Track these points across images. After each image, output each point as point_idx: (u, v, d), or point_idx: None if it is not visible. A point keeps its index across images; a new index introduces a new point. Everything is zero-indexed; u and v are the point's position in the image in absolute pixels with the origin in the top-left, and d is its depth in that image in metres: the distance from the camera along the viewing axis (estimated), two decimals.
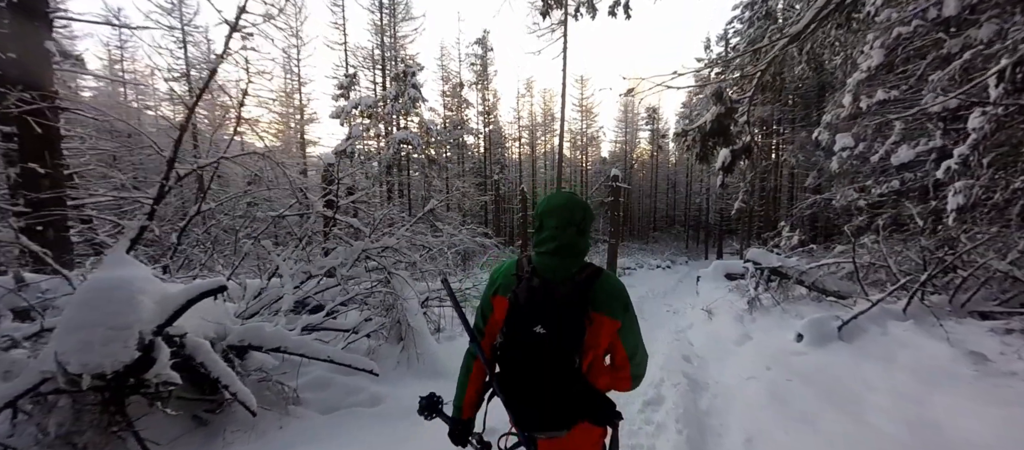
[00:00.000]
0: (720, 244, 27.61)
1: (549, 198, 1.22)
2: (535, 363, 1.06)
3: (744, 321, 5.36)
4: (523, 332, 1.06)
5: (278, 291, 3.42)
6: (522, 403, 1.10)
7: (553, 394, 1.07)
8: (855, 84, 5.68)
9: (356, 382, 3.15)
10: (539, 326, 1.05)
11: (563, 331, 1.05)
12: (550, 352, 1.05)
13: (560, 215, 1.16)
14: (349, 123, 15.93)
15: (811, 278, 5.51)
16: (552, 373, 1.06)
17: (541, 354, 1.05)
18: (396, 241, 3.83)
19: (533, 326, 1.05)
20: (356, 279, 4.01)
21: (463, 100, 22.04)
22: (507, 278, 1.19)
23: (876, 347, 3.84)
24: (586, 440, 1.17)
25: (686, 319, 7.16)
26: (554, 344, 1.04)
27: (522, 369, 1.09)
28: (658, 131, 34.46)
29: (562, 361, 1.05)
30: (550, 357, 1.05)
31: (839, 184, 6.18)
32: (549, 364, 1.05)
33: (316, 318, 3.06)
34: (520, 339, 1.07)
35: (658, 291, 11.80)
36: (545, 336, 1.04)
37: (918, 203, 5.18)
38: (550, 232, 1.16)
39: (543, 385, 1.07)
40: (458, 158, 23.99)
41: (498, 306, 1.19)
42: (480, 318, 1.26)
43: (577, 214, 1.17)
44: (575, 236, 1.16)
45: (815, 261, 5.73)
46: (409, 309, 3.89)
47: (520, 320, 1.08)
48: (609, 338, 1.14)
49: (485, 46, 21.69)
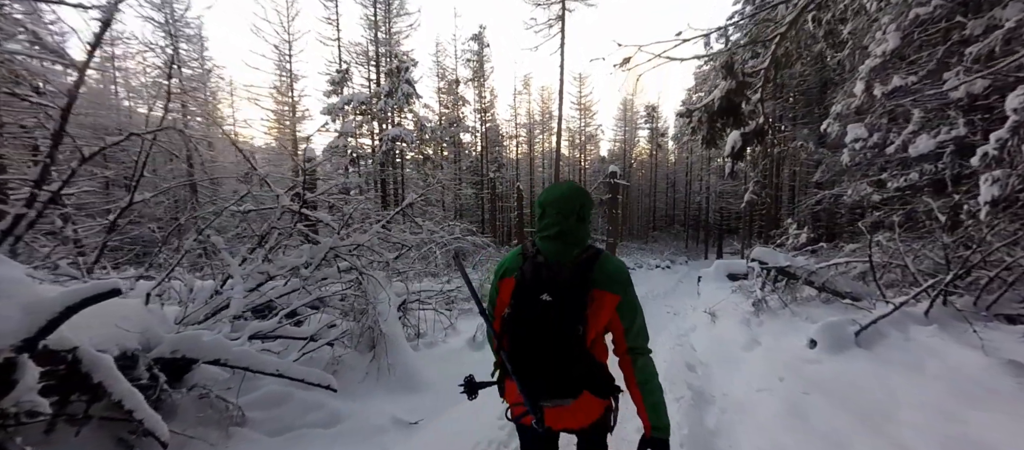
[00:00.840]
0: (720, 243, 27.27)
1: (551, 188, 1.28)
2: (541, 330, 1.11)
3: (751, 325, 4.99)
4: (530, 301, 1.12)
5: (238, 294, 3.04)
6: (529, 371, 1.13)
7: (558, 362, 1.12)
8: (868, 71, 5.32)
9: (317, 397, 2.77)
10: (545, 295, 1.10)
11: (566, 299, 1.10)
12: (555, 319, 1.10)
13: (561, 203, 1.22)
14: (342, 119, 15.55)
15: (821, 278, 5.14)
16: (557, 340, 1.10)
17: (547, 321, 1.10)
18: (368, 239, 3.44)
19: (539, 295, 1.11)
20: (328, 281, 3.63)
21: (459, 98, 21.66)
22: (513, 261, 1.27)
23: (900, 355, 3.47)
24: (589, 410, 1.21)
25: (688, 321, 6.79)
26: (558, 311, 1.09)
27: (529, 337, 1.13)
28: (657, 129, 34.14)
29: (567, 329, 1.09)
30: (555, 324, 1.10)
31: (850, 178, 5.80)
32: (554, 331, 1.10)
33: (267, 324, 2.69)
34: (527, 307, 1.13)
35: (658, 292, 11.42)
36: (550, 303, 1.10)
37: (936, 197, 4.81)
38: (552, 219, 1.22)
39: (549, 352, 1.11)
40: (454, 156, 23.62)
41: (504, 287, 1.26)
42: (490, 304, 1.33)
43: (577, 202, 1.23)
44: (576, 223, 1.22)
45: (824, 260, 5.36)
46: (383, 314, 3.51)
47: (526, 291, 1.14)
48: (609, 315, 1.19)
49: (481, 42, 21.32)
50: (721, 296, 7.75)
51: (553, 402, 1.16)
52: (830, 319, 4.00)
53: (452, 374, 3.69)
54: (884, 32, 5.16)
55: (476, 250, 8.96)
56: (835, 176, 7.08)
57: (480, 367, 4.09)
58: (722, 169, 28.24)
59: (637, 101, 34.21)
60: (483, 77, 22.18)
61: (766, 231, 17.62)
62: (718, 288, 8.65)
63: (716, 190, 25.79)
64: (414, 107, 16.34)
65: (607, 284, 1.16)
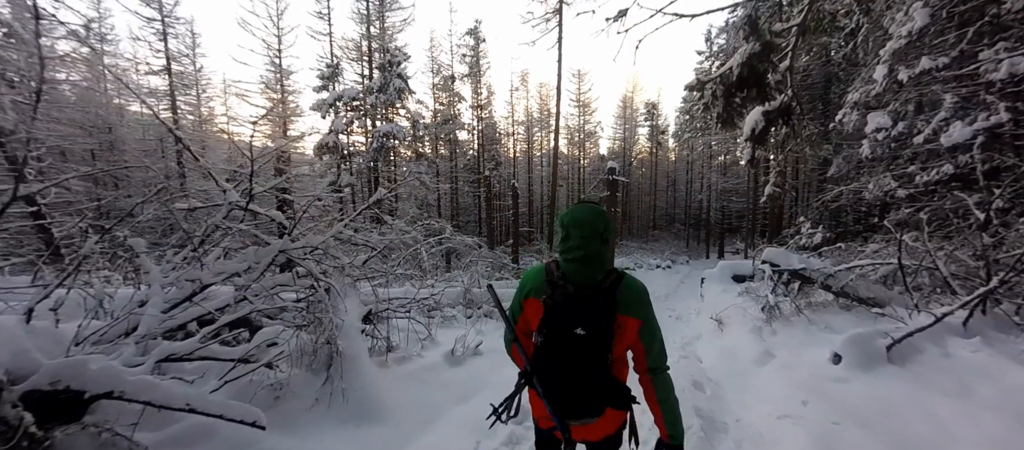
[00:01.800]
0: (721, 243, 26.78)
1: (574, 210, 1.33)
2: (577, 361, 1.18)
3: (763, 334, 4.51)
4: (565, 334, 1.18)
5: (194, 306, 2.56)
6: (560, 394, 1.21)
7: (588, 388, 1.20)
8: (890, 54, 4.83)
9: (249, 433, 2.27)
10: (579, 328, 1.17)
11: (600, 333, 1.17)
12: (590, 352, 1.18)
13: (585, 226, 1.27)
14: (333, 114, 15.06)
15: (839, 282, 4.65)
16: (590, 369, 1.19)
17: (583, 353, 1.18)
18: (324, 240, 2.96)
19: (574, 328, 1.17)
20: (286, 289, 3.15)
21: (455, 94, 21.16)
22: (538, 282, 1.31)
23: (941, 375, 2.99)
24: (611, 423, 1.32)
25: (692, 327, 6.30)
26: (594, 346, 1.17)
27: (564, 365, 1.20)
28: (657, 127, 33.62)
29: (599, 359, 1.19)
30: (589, 355, 1.18)
31: (871, 172, 5.32)
32: (588, 362, 1.18)
33: (185, 345, 2.20)
34: (562, 340, 1.19)
35: (659, 293, 10.93)
36: (585, 337, 1.17)
37: (968, 192, 4.32)
38: (577, 241, 1.27)
39: (581, 380, 1.20)
40: (450, 154, 23.13)
41: (529, 308, 1.32)
42: (510, 330, 1.35)
43: (601, 224, 1.29)
44: (599, 246, 1.28)
45: (842, 262, 4.87)
46: (343, 326, 3.03)
47: (559, 322, 1.19)
48: (634, 336, 1.27)
49: (477, 37, 20.80)
50: (727, 300, 7.26)
51: (581, 421, 1.23)
52: (856, 330, 3.52)
53: (421, 398, 3.20)
54: (909, 11, 4.68)
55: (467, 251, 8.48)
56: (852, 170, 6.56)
57: (458, 387, 3.60)
58: (724, 166, 27.71)
59: (637, 99, 33.74)
60: (479, 73, 21.66)
61: (771, 231, 17.13)
62: (723, 291, 8.16)
63: (718, 188, 25.31)
64: (407, 103, 15.84)
65: (630, 309, 1.24)
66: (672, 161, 36.70)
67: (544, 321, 1.21)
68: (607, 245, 1.29)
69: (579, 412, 1.22)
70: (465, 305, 5.32)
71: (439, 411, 2.95)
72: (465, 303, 5.33)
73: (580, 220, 1.27)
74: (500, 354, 4.26)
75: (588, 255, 1.24)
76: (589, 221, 1.27)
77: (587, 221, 1.27)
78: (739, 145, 4.24)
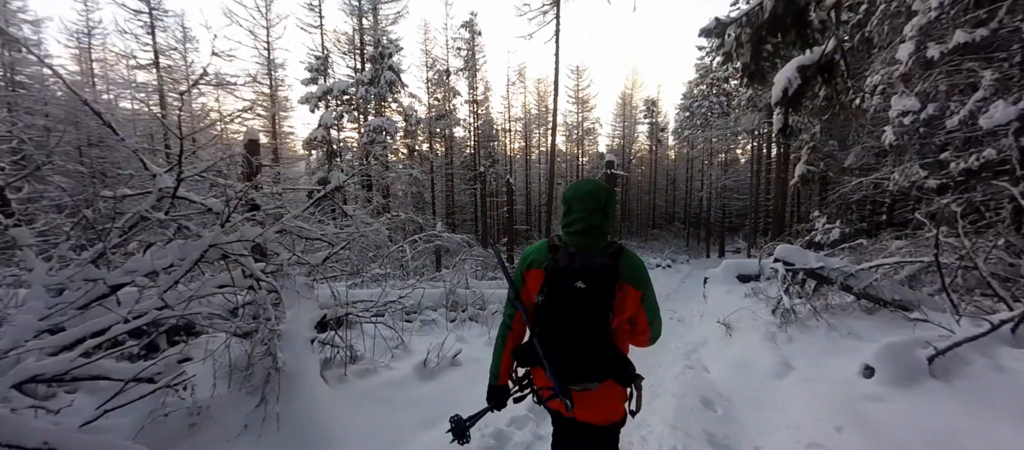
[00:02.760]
0: (722, 242, 26.31)
1: (577, 185, 1.36)
2: (578, 316, 1.20)
3: (777, 341, 4.03)
4: (566, 287, 1.20)
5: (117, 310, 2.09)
6: (561, 356, 1.23)
7: (587, 346, 1.22)
8: (917, 30, 4.35)
9: None
10: (580, 282, 1.19)
11: (600, 286, 1.19)
12: (590, 304, 1.19)
13: (587, 199, 1.31)
14: (323, 108, 14.57)
15: (862, 283, 4.17)
16: (590, 324, 1.20)
17: (583, 307, 1.19)
18: (263, 233, 2.48)
19: (574, 282, 1.19)
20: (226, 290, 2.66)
21: (451, 89, 20.63)
22: (540, 254, 1.34)
23: (997, 393, 2.52)
24: (612, 397, 1.32)
25: (696, 332, 5.83)
26: (594, 297, 1.19)
27: (563, 322, 1.22)
28: (657, 124, 33.15)
29: (600, 314, 1.20)
30: (590, 308, 1.19)
31: (897, 161, 4.82)
32: (589, 315, 1.20)
33: (54, 363, 1.71)
34: (563, 293, 1.21)
35: (660, 294, 10.28)
36: (586, 290, 1.19)
37: (1009, 180, 3.85)
38: (579, 214, 1.31)
39: (580, 336, 1.21)
40: (446, 151, 22.63)
41: (531, 279, 1.33)
42: (512, 290, 1.36)
43: (602, 198, 1.32)
44: (601, 218, 1.31)
45: (864, 260, 4.40)
46: (287, 336, 2.54)
47: (561, 279, 1.21)
48: (634, 307, 1.31)
49: (473, 30, 20.28)
50: (733, 302, 6.80)
51: (581, 386, 1.25)
52: (890, 339, 3.04)
53: (380, 421, 2.68)
54: None
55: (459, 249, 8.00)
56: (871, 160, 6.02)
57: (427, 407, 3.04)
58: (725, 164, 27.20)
59: (636, 96, 33.26)
60: (475, 67, 21.14)
61: (774, 229, 16.67)
62: (728, 291, 7.70)
63: (718, 185, 24.84)
64: (399, 96, 15.33)
65: (631, 279, 1.28)
66: (672, 159, 36.26)
67: (545, 282, 1.24)
68: (608, 218, 1.33)
69: (579, 376, 1.23)
70: (448, 307, 4.83)
71: (400, 438, 2.47)
72: (448, 306, 4.84)
73: (583, 193, 1.32)
74: (481, 365, 3.77)
75: (589, 226, 1.29)
76: (591, 194, 1.31)
77: (590, 194, 1.31)
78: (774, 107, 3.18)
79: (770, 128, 19.45)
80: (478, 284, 6.85)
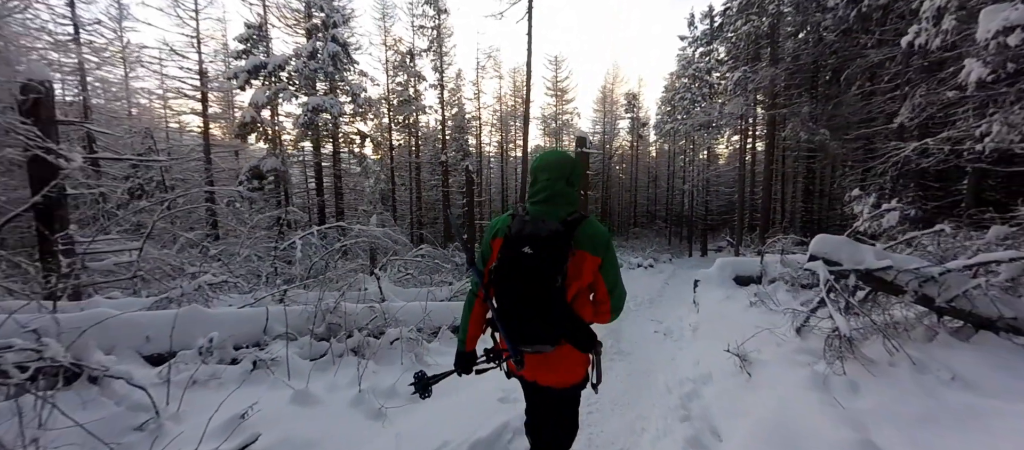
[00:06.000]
0: (704, 240, 25.24)
1: (544, 155, 1.42)
2: (526, 281, 1.22)
3: (832, 388, 2.45)
4: (513, 253, 1.24)
5: None
6: (512, 318, 1.28)
7: (536, 309, 1.23)
8: None
9: None
10: (527, 247, 1.21)
11: (545, 252, 1.20)
12: (535, 269, 1.21)
13: (553, 168, 1.37)
14: (254, 86, 12.49)
15: (951, 291, 2.66)
16: (535, 288, 1.21)
17: (530, 273, 1.21)
18: None
19: (521, 247, 1.22)
20: None
21: (416, 73, 18.73)
22: (503, 224, 1.37)
23: None
24: (570, 361, 1.37)
25: (689, 354, 4.22)
26: (537, 262, 1.21)
27: (511, 286, 1.25)
28: (638, 120, 31.96)
29: (545, 278, 1.21)
30: (534, 273, 1.21)
31: (983, 111, 3.36)
32: (533, 280, 1.21)
33: None
34: (512, 259, 1.24)
35: (642, 298, 8.90)
36: (531, 255, 1.21)
37: None
38: (543, 183, 1.36)
39: (528, 299, 1.23)
40: (411, 142, 20.72)
41: (495, 246, 1.36)
42: (480, 262, 1.41)
43: (568, 167, 1.38)
44: (565, 186, 1.36)
45: (948, 255, 2.89)
46: None
47: (511, 244, 1.25)
48: (592, 273, 1.33)
49: (438, 7, 18.45)
50: (734, 313, 5.26)
51: (533, 348, 1.29)
52: None
53: None
54: None
55: (388, 248, 6.24)
56: (938, 113, 4.42)
57: None
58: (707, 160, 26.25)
59: (617, 90, 32.01)
60: (442, 50, 19.28)
61: (762, 225, 15.48)
62: (726, 298, 6.17)
63: (702, 179, 23.73)
64: (347, 74, 13.39)
65: (588, 245, 1.29)
66: (653, 156, 35.24)
67: (501, 248, 1.28)
68: (573, 187, 1.39)
69: (530, 338, 1.28)
70: (314, 337, 3.07)
71: None
72: (314, 334, 3.09)
73: (548, 163, 1.38)
74: None
75: (553, 194, 1.35)
76: (557, 164, 1.38)
77: (555, 164, 1.38)
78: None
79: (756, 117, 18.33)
80: (404, 292, 5.11)
